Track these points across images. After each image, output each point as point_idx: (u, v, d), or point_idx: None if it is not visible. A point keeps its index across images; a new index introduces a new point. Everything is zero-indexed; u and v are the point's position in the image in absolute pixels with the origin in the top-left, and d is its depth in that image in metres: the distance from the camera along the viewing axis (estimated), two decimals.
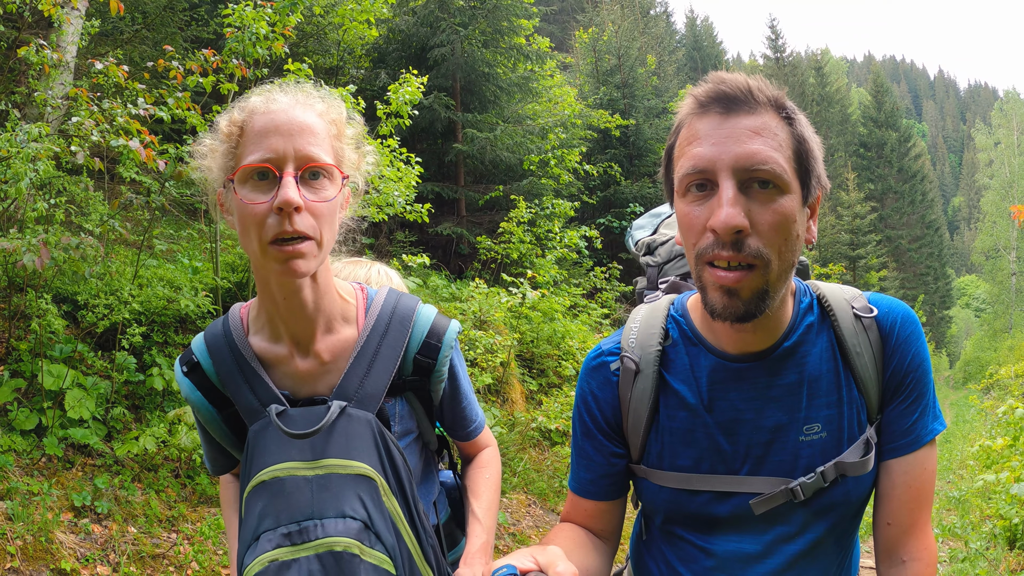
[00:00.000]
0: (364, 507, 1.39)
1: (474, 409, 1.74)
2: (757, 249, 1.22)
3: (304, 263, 1.36)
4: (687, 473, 1.41)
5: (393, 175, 7.16)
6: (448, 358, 1.60)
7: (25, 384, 4.60)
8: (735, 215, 1.20)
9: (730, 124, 1.24)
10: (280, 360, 1.52)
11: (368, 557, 1.36)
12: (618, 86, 18.13)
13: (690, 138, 1.28)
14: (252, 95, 1.45)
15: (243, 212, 1.36)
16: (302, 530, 1.37)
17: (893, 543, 1.40)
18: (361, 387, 1.48)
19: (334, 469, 1.40)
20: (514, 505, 6.49)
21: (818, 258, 29.39)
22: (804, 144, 1.28)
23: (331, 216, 1.41)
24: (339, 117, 1.49)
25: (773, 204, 1.23)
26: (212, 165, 1.44)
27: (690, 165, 1.26)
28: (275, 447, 1.43)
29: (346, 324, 1.55)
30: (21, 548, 3.66)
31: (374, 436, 1.45)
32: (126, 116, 4.64)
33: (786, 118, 1.28)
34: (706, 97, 1.27)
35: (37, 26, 6.74)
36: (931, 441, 1.40)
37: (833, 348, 1.39)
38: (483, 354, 7.69)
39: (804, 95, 45.94)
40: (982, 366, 28.94)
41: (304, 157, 1.37)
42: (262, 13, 5.84)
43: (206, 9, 10.60)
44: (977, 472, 8.61)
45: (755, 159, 1.21)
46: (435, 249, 12.56)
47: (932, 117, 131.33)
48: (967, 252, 74.47)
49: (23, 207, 4.84)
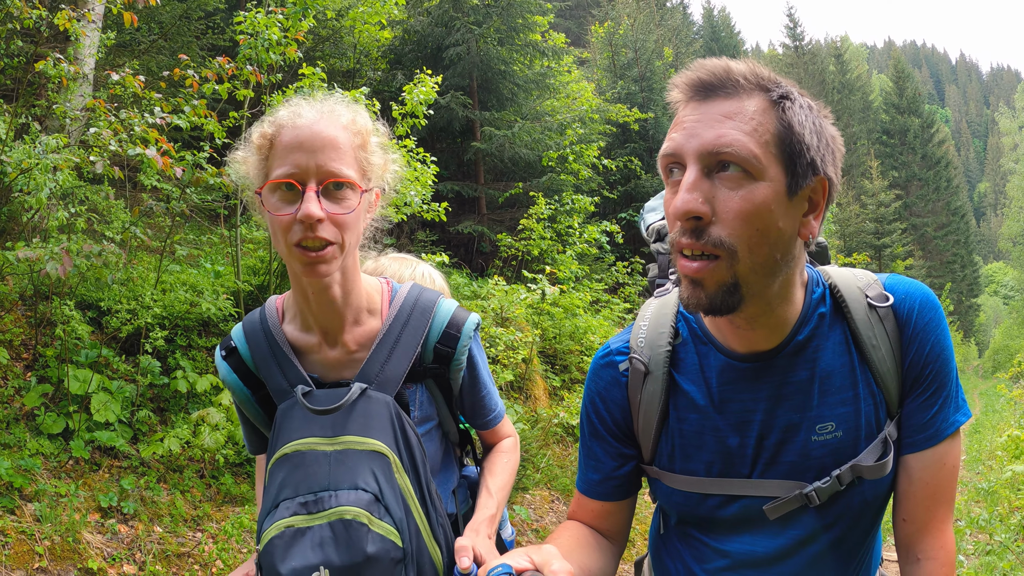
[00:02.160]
0: (376, 481, 1.47)
1: (493, 399, 1.80)
2: (718, 238, 1.17)
3: (326, 267, 1.48)
4: (699, 477, 1.38)
5: (410, 175, 7.20)
6: (467, 347, 1.67)
7: (52, 389, 4.69)
8: (689, 200, 1.16)
9: (704, 109, 1.21)
10: (311, 348, 1.64)
11: (376, 527, 1.43)
12: (635, 80, 18.03)
13: (673, 125, 1.26)
14: (281, 108, 1.55)
15: (272, 220, 1.49)
16: (318, 500, 1.45)
17: (909, 540, 1.36)
18: (382, 371, 1.58)
19: (351, 445, 1.50)
20: (537, 501, 6.50)
21: (843, 247, 29.10)
22: (791, 129, 1.20)
23: (354, 223, 1.52)
24: (364, 128, 1.58)
25: (740, 190, 1.17)
26: (248, 173, 1.57)
27: (663, 150, 1.24)
28: (299, 423, 1.54)
29: (371, 316, 1.65)
30: (49, 548, 3.74)
31: (391, 416, 1.54)
32: (144, 125, 4.72)
33: (776, 101, 1.20)
34: (685, 85, 1.24)
35: (54, 40, 6.85)
36: (952, 435, 1.33)
37: (848, 341, 1.33)
38: (504, 351, 7.71)
39: (824, 83, 45.51)
40: (1011, 354, 28.45)
41: (326, 173, 1.46)
42: (274, 19, 5.89)
43: (221, 17, 10.68)
44: (1006, 463, 8.47)
45: (719, 142, 1.17)
46: (456, 247, 12.59)
47: (955, 102, 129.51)
48: (994, 239, 73.35)
49: (45, 217, 4.94)
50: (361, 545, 1.41)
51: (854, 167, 38.43)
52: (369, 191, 1.56)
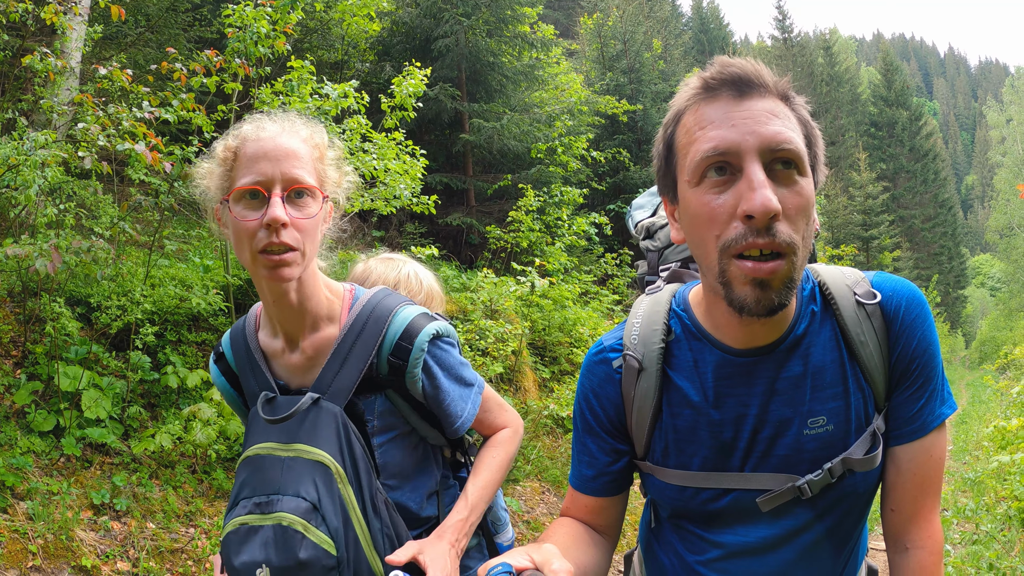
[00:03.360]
0: (316, 490, 1.55)
1: (458, 405, 1.75)
2: (789, 235, 1.17)
3: (289, 270, 1.55)
4: (692, 471, 1.40)
5: (399, 168, 7.18)
6: (420, 359, 1.68)
7: (42, 386, 4.67)
8: (771, 197, 1.14)
9: (746, 106, 1.20)
10: (277, 353, 1.73)
11: (311, 535, 1.51)
12: (624, 71, 18.02)
13: (700, 122, 1.23)
14: (244, 124, 1.64)
15: (237, 227, 1.56)
16: (269, 501, 1.56)
17: (898, 530, 1.39)
18: (334, 382, 1.65)
19: (301, 453, 1.59)
20: (528, 493, 6.53)
21: (831, 239, 29.22)
22: (810, 128, 1.26)
23: (314, 230, 1.60)
24: (321, 142, 1.68)
25: (796, 186, 1.19)
26: (210, 185, 1.64)
27: (709, 148, 1.20)
28: (261, 428, 1.65)
29: (330, 323, 1.71)
30: (42, 547, 3.73)
31: (337, 428, 1.61)
32: (132, 120, 4.68)
33: (790, 103, 1.25)
34: (716, 80, 1.22)
35: (41, 33, 6.79)
36: (938, 427, 1.36)
37: (837, 338, 1.35)
38: (494, 343, 7.71)
39: (813, 75, 45.57)
40: (998, 346, 28.68)
41: (290, 179, 1.55)
42: (262, 12, 5.85)
43: (208, 9, 10.61)
44: (992, 453, 8.56)
45: (779, 138, 1.17)
46: (445, 240, 12.58)
47: (943, 95, 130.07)
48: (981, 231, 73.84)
49: (34, 213, 4.90)
50: (295, 550, 1.50)
51: (842, 159, 38.59)
52: (327, 200, 1.64)
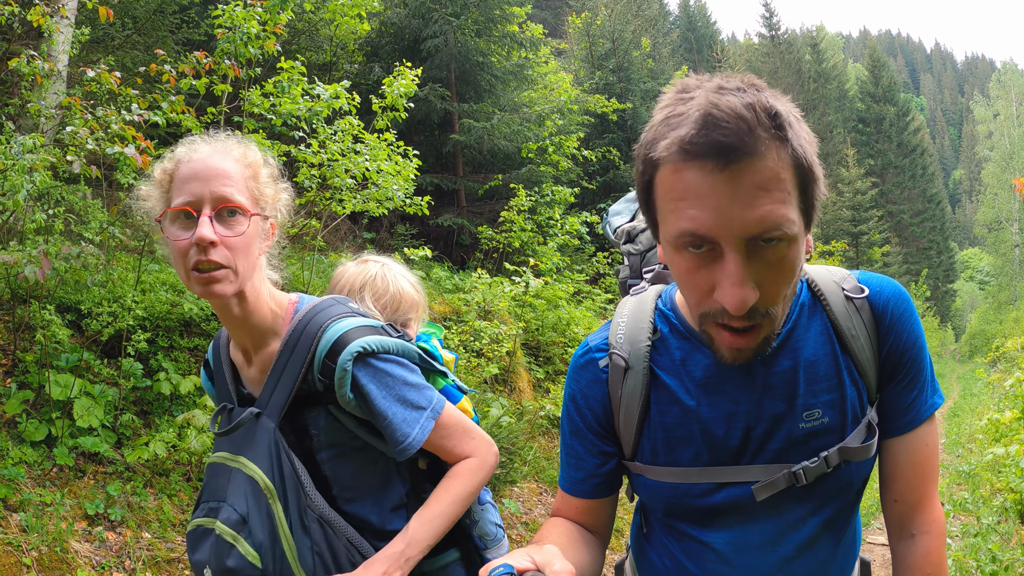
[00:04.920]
0: (247, 504, 1.61)
1: (399, 429, 1.67)
2: (766, 309, 1.17)
3: (220, 287, 1.57)
4: (684, 467, 1.39)
5: (391, 169, 7.14)
6: (345, 379, 1.65)
7: (33, 395, 4.60)
8: (748, 295, 1.11)
9: (732, 181, 1.06)
10: (241, 366, 1.80)
11: (240, 546, 1.58)
12: (613, 70, 18.06)
13: (678, 190, 1.12)
14: (180, 146, 1.68)
15: (172, 246, 1.60)
16: (217, 508, 1.64)
17: (903, 519, 1.42)
18: (271, 398, 1.69)
19: (241, 466, 1.65)
20: (525, 494, 6.50)
21: (820, 235, 29.36)
22: (807, 170, 1.13)
23: (245, 248, 1.62)
24: (255, 160, 1.70)
25: (781, 261, 1.14)
26: (152, 206, 1.67)
27: (688, 229, 1.11)
28: (221, 438, 1.73)
29: (275, 337, 1.74)
30: (37, 559, 3.67)
31: (269, 444, 1.65)
32: (120, 123, 4.63)
33: (784, 139, 1.09)
34: (697, 146, 1.07)
35: (27, 37, 6.71)
36: (931, 416, 1.40)
37: (828, 332, 1.37)
38: (488, 344, 7.68)
39: (800, 72, 45.75)
40: (988, 339, 28.82)
41: (219, 198, 1.58)
42: (252, 13, 5.80)
43: (196, 11, 10.55)
44: (986, 446, 8.60)
45: (765, 224, 1.08)
46: (436, 241, 12.55)
47: (930, 90, 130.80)
48: (969, 225, 74.34)
49: (22, 219, 4.84)
50: (224, 559, 1.58)
51: (830, 155, 38.71)
52: (264, 218, 1.68)
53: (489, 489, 2.10)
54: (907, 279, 34.96)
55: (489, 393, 7.42)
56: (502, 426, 6.42)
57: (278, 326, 1.73)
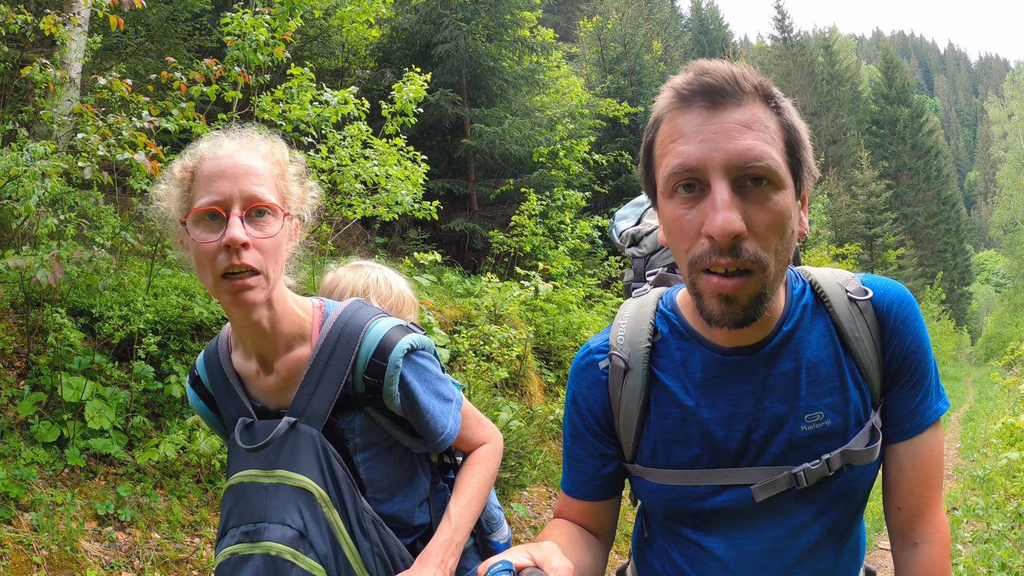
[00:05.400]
0: (301, 517, 1.53)
1: (439, 422, 1.71)
2: (755, 253, 1.16)
3: (253, 295, 1.49)
4: (684, 470, 1.38)
5: (400, 174, 7.18)
6: (395, 377, 1.63)
7: (46, 397, 4.66)
8: (733, 220, 1.13)
9: (718, 118, 1.16)
10: (252, 376, 1.68)
11: (301, 563, 1.50)
12: (625, 74, 18.01)
13: (672, 134, 1.20)
14: (201, 142, 1.59)
15: (197, 250, 1.49)
16: (256, 530, 1.54)
17: (905, 527, 1.39)
18: (309, 404, 1.60)
19: (283, 480, 1.56)
20: (534, 498, 6.51)
21: (834, 238, 29.16)
22: (794, 134, 1.21)
23: (276, 250, 1.53)
24: (282, 157, 1.63)
25: (768, 203, 1.16)
26: (170, 207, 1.57)
27: (677, 163, 1.18)
28: (242, 455, 1.62)
29: (303, 342, 1.65)
30: (47, 558, 3.72)
31: (317, 451, 1.58)
32: (132, 129, 4.68)
33: (774, 107, 1.20)
34: (688, 89, 1.19)
35: (40, 45, 6.81)
36: (935, 422, 1.37)
37: (831, 334, 1.35)
38: (499, 348, 7.70)
39: (813, 75, 45.51)
40: (1003, 342, 28.58)
41: (249, 197, 1.49)
42: (261, 20, 5.86)
43: (208, 18, 10.63)
44: (1001, 450, 8.51)
45: (749, 155, 1.14)
46: (448, 245, 12.57)
47: (944, 91, 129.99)
48: (985, 227, 73.75)
49: (35, 224, 4.90)
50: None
51: (844, 158, 38.53)
52: (290, 217, 1.59)
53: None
54: (922, 282, 34.72)
55: (499, 397, 7.43)
56: (512, 430, 6.43)
57: (305, 330, 1.65)
